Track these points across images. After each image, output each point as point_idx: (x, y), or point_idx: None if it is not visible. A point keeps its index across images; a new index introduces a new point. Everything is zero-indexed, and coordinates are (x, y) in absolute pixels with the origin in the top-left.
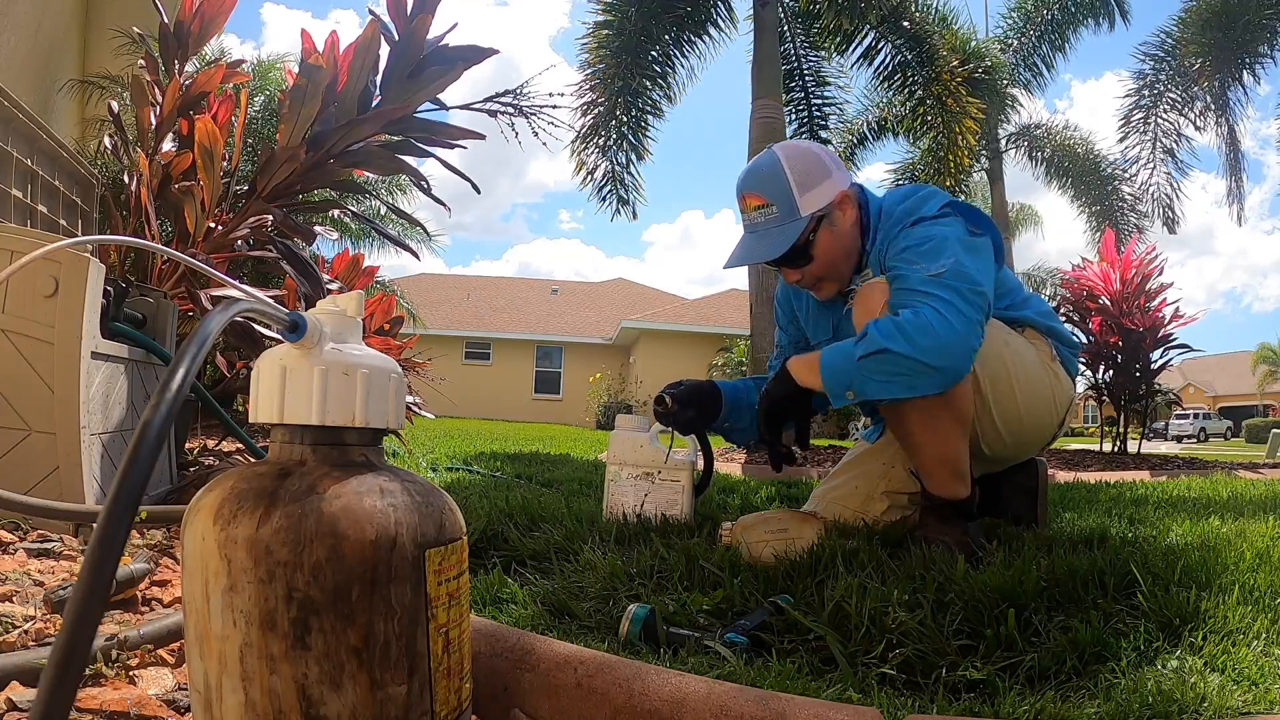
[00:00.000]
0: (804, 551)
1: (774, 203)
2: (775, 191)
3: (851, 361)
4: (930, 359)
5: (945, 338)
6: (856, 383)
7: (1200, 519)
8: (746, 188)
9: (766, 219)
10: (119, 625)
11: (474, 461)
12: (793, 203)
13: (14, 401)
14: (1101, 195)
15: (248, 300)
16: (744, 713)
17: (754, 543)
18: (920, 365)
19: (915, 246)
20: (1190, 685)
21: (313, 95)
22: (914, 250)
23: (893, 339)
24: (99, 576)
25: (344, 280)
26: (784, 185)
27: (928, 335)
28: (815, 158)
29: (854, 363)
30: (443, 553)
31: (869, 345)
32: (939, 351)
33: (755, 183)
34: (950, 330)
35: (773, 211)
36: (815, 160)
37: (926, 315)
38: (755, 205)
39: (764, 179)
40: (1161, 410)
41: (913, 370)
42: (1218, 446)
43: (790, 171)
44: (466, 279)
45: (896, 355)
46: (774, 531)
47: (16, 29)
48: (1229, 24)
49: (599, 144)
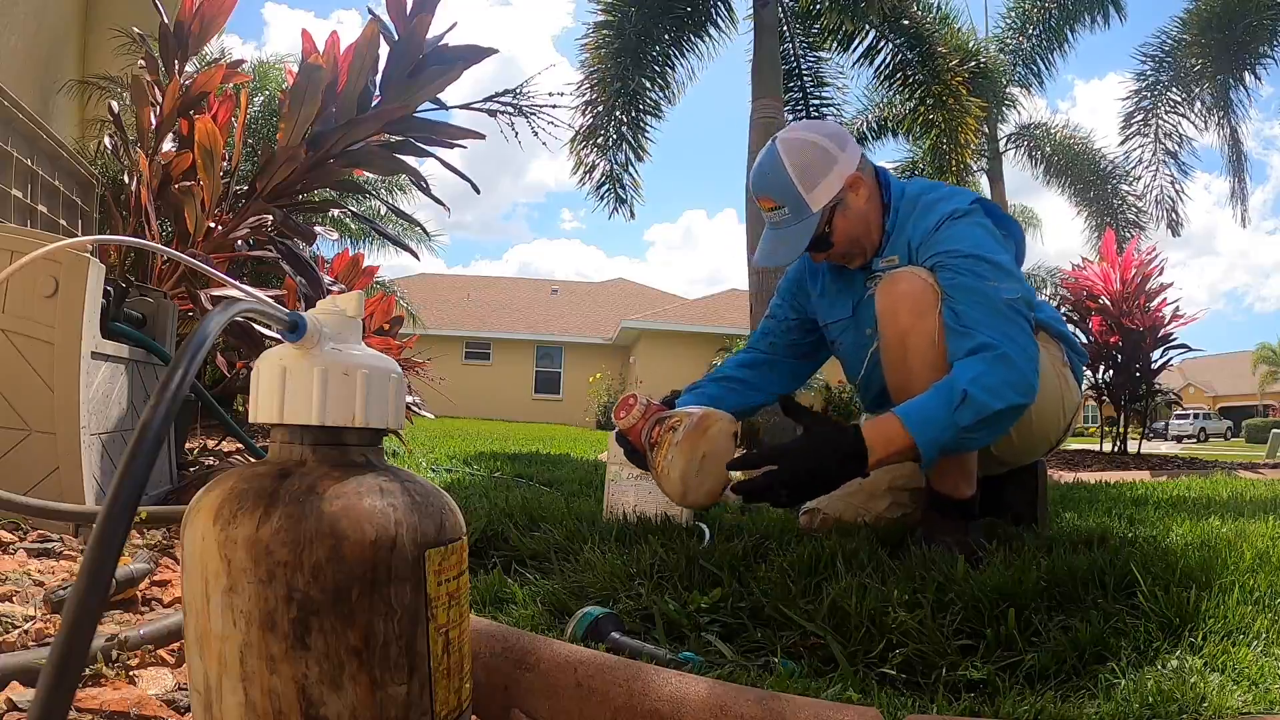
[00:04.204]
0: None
1: (784, 204)
2: (783, 193)
3: (951, 430)
4: (1026, 399)
5: (1031, 377)
6: (954, 446)
7: (1200, 519)
8: (757, 191)
9: (782, 219)
10: (119, 625)
11: (473, 461)
12: (801, 202)
13: (14, 401)
14: (1101, 195)
15: (248, 300)
16: (744, 713)
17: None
18: (1019, 410)
19: (971, 254)
20: (1190, 685)
21: (313, 95)
22: (972, 259)
23: (1000, 396)
24: (98, 576)
25: (344, 280)
26: (789, 186)
27: (1023, 378)
28: (817, 148)
29: (955, 430)
30: (443, 553)
31: (977, 410)
32: (1029, 390)
33: (764, 186)
34: (1034, 369)
35: (785, 213)
36: (817, 151)
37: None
38: (769, 208)
39: (770, 182)
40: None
41: (1012, 418)
42: (1218, 446)
43: (793, 171)
44: (466, 279)
45: (1004, 411)
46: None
47: (16, 29)
48: (1229, 24)
49: (597, 143)
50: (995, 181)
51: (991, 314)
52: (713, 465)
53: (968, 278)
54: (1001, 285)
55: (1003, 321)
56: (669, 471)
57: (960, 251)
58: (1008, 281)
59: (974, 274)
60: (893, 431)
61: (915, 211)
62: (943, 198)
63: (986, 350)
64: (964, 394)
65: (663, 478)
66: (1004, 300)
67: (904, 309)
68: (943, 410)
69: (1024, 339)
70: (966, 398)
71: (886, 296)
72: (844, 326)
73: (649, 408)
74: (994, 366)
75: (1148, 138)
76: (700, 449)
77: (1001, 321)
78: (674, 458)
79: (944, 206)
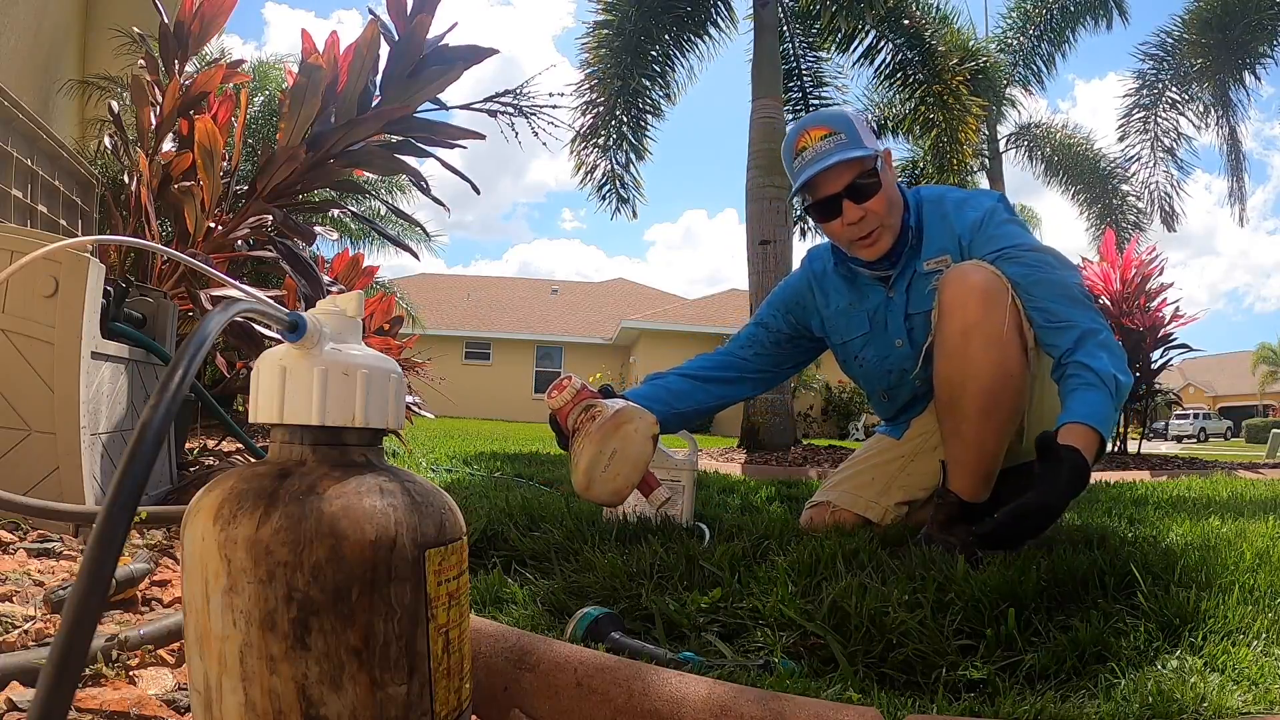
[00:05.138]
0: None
1: (841, 131)
2: (842, 124)
3: (1112, 410)
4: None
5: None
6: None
7: (1200, 519)
8: (812, 123)
9: (836, 144)
10: (119, 625)
11: (473, 461)
12: (858, 134)
13: (14, 401)
14: (1101, 194)
15: (248, 300)
16: (744, 713)
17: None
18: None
19: (1038, 247)
20: (1190, 685)
21: (313, 95)
22: (1039, 251)
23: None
24: (98, 576)
25: (344, 280)
26: (850, 123)
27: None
28: (865, 122)
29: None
30: (443, 553)
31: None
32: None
33: (824, 119)
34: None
35: (841, 138)
36: (864, 123)
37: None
38: (822, 135)
39: (832, 115)
40: (1161, 410)
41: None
42: (1218, 446)
43: (854, 119)
44: (466, 279)
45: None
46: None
47: (16, 29)
48: (1229, 24)
49: (598, 143)
50: (995, 181)
51: (1075, 304)
52: (622, 463)
53: (1041, 269)
54: (1068, 274)
55: (1087, 308)
56: (577, 461)
57: (1027, 245)
58: (1071, 270)
59: (1045, 264)
60: (1090, 437)
61: (946, 211)
62: (968, 197)
63: (1094, 335)
64: (1116, 382)
65: (572, 467)
66: (1077, 286)
67: (974, 301)
68: (1110, 403)
69: (1102, 320)
70: (1119, 385)
71: (957, 288)
72: (865, 341)
73: (580, 392)
74: (1113, 351)
75: (1146, 135)
76: (611, 444)
77: (1087, 309)
78: (584, 448)
79: (978, 203)
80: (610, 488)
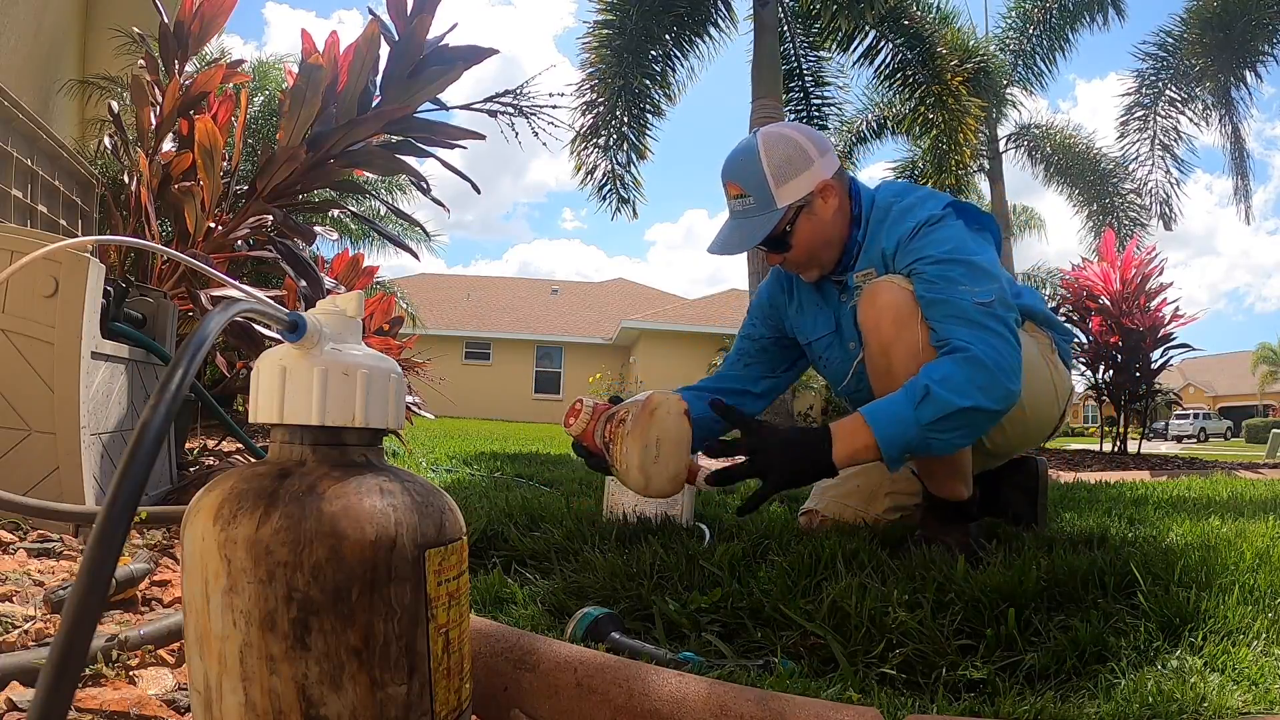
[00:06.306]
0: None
1: (750, 194)
2: (752, 182)
3: (914, 427)
4: (997, 404)
5: (1005, 381)
6: (918, 444)
7: (1200, 519)
8: (726, 175)
9: (745, 208)
10: (119, 625)
11: (473, 461)
12: (768, 194)
13: (14, 401)
14: (1101, 194)
15: (248, 300)
16: (744, 713)
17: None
18: (988, 414)
19: (944, 259)
20: (1190, 685)
21: (313, 95)
22: (944, 264)
23: (964, 394)
24: (98, 576)
25: (344, 280)
26: (760, 177)
27: (994, 381)
28: (796, 146)
29: (917, 428)
30: (443, 553)
31: (939, 407)
32: (1003, 396)
33: (734, 171)
34: (1009, 372)
35: (750, 203)
36: (796, 149)
37: (989, 357)
38: (734, 194)
39: (741, 169)
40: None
41: (980, 420)
42: (1218, 446)
43: (768, 162)
44: (466, 279)
45: (969, 410)
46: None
47: (16, 29)
48: (1230, 23)
49: (599, 144)
50: (995, 181)
51: (963, 323)
52: (669, 448)
53: (939, 286)
54: (975, 288)
55: (974, 328)
56: (627, 465)
57: (932, 257)
58: (983, 282)
59: (945, 280)
60: (857, 428)
61: (887, 220)
62: (914, 204)
63: (956, 351)
64: (925, 390)
65: (623, 474)
66: (975, 304)
67: (886, 321)
68: (905, 407)
69: (996, 341)
70: (928, 394)
71: (869, 309)
72: (828, 342)
73: (596, 409)
74: (961, 366)
75: (1145, 134)
76: (653, 433)
77: (973, 328)
78: (629, 449)
79: (918, 213)
80: (666, 475)
